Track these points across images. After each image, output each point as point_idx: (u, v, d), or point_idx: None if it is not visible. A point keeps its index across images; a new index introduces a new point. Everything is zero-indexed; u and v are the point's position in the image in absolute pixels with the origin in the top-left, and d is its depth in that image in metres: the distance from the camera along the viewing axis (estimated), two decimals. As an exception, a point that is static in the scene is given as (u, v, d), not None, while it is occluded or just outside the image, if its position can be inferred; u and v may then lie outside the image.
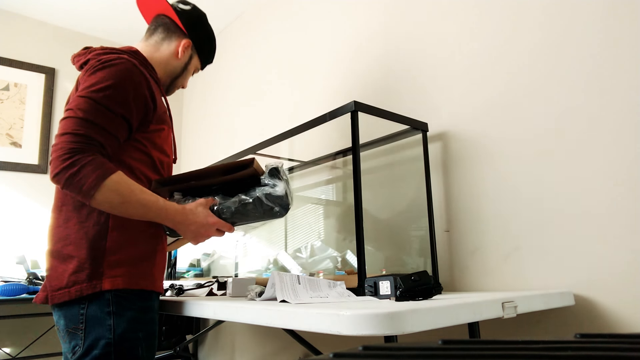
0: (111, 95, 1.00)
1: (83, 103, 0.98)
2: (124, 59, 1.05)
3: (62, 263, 1.02)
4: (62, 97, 2.84)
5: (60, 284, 1.01)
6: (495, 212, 1.26)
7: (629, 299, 1.00)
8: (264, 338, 2.04)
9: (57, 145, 0.95)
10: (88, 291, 0.99)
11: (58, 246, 1.04)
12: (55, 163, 0.94)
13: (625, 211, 1.02)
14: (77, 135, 0.95)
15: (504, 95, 1.28)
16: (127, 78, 1.03)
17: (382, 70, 1.66)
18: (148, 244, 1.09)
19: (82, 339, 0.99)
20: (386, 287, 0.99)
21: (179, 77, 1.28)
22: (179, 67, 1.27)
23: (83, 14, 2.78)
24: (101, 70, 1.03)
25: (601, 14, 1.10)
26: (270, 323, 0.85)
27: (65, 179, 0.93)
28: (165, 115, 1.18)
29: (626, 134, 1.04)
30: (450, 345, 0.29)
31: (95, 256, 1.01)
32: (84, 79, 1.04)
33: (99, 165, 0.95)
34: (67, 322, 1.02)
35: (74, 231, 1.03)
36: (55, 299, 1.01)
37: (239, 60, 2.56)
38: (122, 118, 1.02)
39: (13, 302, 2.01)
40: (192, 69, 1.32)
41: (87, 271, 1.00)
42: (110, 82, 1.01)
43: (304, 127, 1.34)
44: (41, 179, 2.70)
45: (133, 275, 1.04)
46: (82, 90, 1.01)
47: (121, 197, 0.97)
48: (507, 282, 1.22)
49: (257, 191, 1.04)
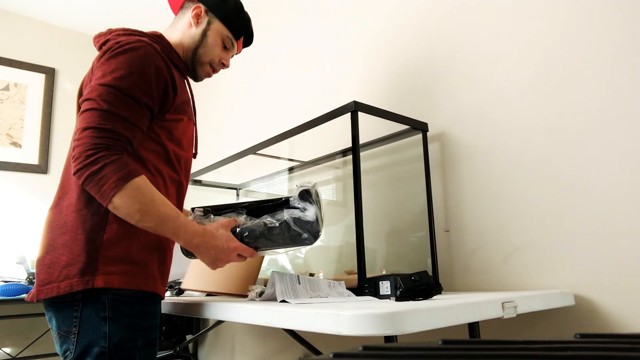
0: (135, 83, 0.92)
1: (106, 93, 0.90)
2: (144, 42, 0.97)
3: (53, 254, 0.92)
4: (62, 97, 2.84)
5: (49, 277, 0.91)
6: (495, 212, 1.26)
7: (629, 299, 1.00)
8: (264, 338, 2.04)
9: (80, 141, 0.87)
10: (79, 287, 0.89)
11: (53, 235, 0.94)
12: (79, 159, 0.86)
13: (626, 211, 1.02)
14: (103, 130, 0.87)
15: (504, 95, 1.28)
16: (149, 63, 0.95)
17: (383, 70, 1.66)
18: (151, 239, 0.98)
19: (74, 344, 0.90)
20: (386, 287, 0.99)
21: (198, 47, 1.13)
22: (197, 36, 1.12)
23: (83, 14, 2.78)
24: (122, 54, 0.94)
25: (601, 14, 1.10)
26: (270, 323, 0.85)
27: (86, 176, 0.86)
28: (186, 106, 1.07)
29: (626, 134, 1.04)
30: (450, 345, 0.29)
31: (90, 249, 0.91)
32: (101, 63, 0.95)
33: (122, 166, 0.87)
34: (59, 323, 0.93)
35: (71, 219, 0.93)
36: (41, 294, 0.91)
37: (238, 60, 2.56)
38: (146, 108, 0.94)
39: (13, 302, 2.01)
40: (217, 37, 1.14)
41: (80, 265, 0.90)
42: (132, 68, 0.93)
43: (304, 127, 1.34)
44: (41, 179, 2.70)
45: (132, 274, 0.94)
46: (102, 77, 0.92)
47: (140, 205, 0.88)
48: (507, 282, 1.22)
49: (285, 214, 0.95)
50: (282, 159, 1.95)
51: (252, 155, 1.63)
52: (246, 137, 2.42)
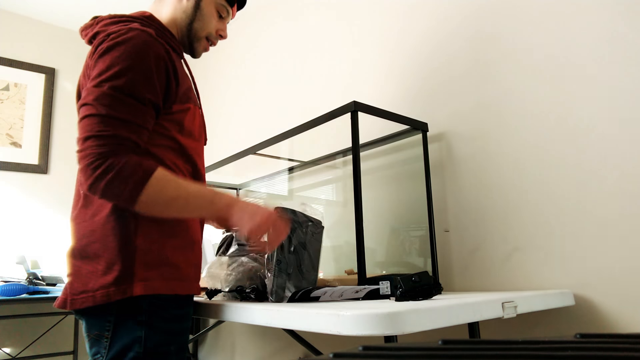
0: (134, 79, 0.85)
1: (103, 95, 0.83)
2: (136, 30, 0.89)
3: (86, 263, 0.89)
4: (62, 97, 2.84)
5: (83, 286, 0.88)
6: (495, 212, 1.26)
7: (629, 299, 1.00)
8: (264, 338, 2.04)
9: (83, 152, 0.82)
10: (117, 296, 0.85)
11: (82, 243, 0.90)
12: (87, 172, 0.81)
13: (626, 211, 1.02)
14: (105, 138, 0.82)
15: (505, 95, 1.28)
16: (146, 53, 0.88)
17: (383, 70, 1.66)
18: (185, 239, 0.96)
19: (105, 348, 0.88)
20: (386, 287, 0.99)
21: (193, 21, 1.05)
22: (190, 9, 1.05)
23: (83, 14, 2.78)
24: (115, 48, 0.87)
25: (600, 15, 1.10)
26: (270, 323, 0.85)
27: (102, 188, 0.81)
28: (190, 92, 1.01)
29: (626, 134, 1.04)
30: (450, 345, 0.29)
31: (125, 255, 0.87)
32: (95, 61, 0.89)
33: (136, 166, 0.82)
34: (90, 326, 0.90)
35: (100, 226, 0.89)
36: (76, 304, 0.87)
37: (236, 60, 2.56)
38: (150, 105, 0.88)
39: (13, 302, 2.01)
40: (211, 7, 1.07)
41: (116, 273, 0.86)
42: (129, 62, 0.86)
43: (304, 127, 1.34)
44: (41, 179, 2.70)
45: (169, 278, 0.91)
46: (96, 78, 0.85)
47: (170, 192, 0.85)
48: (507, 282, 1.22)
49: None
50: (282, 159, 1.95)
51: (252, 155, 1.63)
52: (246, 137, 2.42)
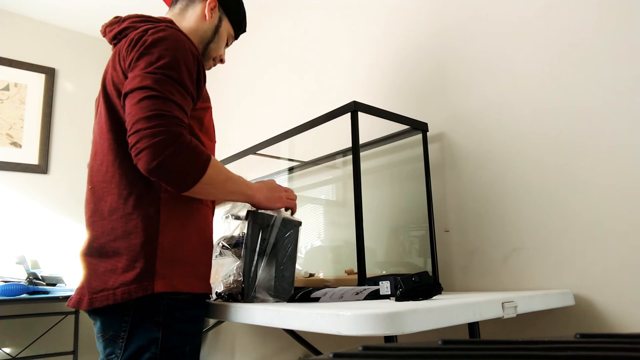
0: (182, 71, 0.88)
1: (160, 81, 0.85)
2: (172, 29, 0.93)
3: (104, 261, 0.89)
4: (62, 97, 2.84)
5: (103, 285, 0.87)
6: (495, 212, 1.26)
7: (629, 299, 1.00)
8: (264, 338, 2.04)
9: (151, 130, 0.80)
10: (138, 293, 0.85)
11: (101, 241, 0.90)
12: (156, 149, 0.79)
13: (625, 211, 1.02)
14: (172, 118, 0.83)
15: (505, 95, 1.28)
16: (186, 50, 0.91)
17: (383, 70, 1.66)
18: (201, 239, 0.97)
19: (121, 349, 0.87)
20: (386, 287, 0.99)
21: (210, 42, 1.12)
22: (210, 31, 1.11)
23: (83, 14, 2.78)
24: (160, 42, 0.89)
25: (599, 16, 1.10)
26: (270, 323, 0.85)
27: (170, 165, 0.81)
28: (206, 92, 1.05)
29: (626, 134, 1.04)
30: (450, 345, 0.29)
31: (148, 253, 0.87)
32: (139, 53, 0.89)
33: (200, 150, 0.85)
34: (105, 326, 0.89)
35: (122, 224, 0.89)
36: (96, 302, 0.86)
37: (236, 60, 2.56)
38: (191, 97, 0.92)
39: (13, 302, 2.01)
40: (225, 34, 1.15)
41: (138, 270, 0.86)
42: (176, 55, 0.88)
43: (304, 127, 1.34)
44: (41, 179, 2.70)
45: (188, 276, 0.92)
46: (147, 67, 0.87)
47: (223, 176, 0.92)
48: (507, 282, 1.22)
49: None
50: (282, 159, 1.95)
51: (252, 155, 1.63)
52: (246, 137, 2.42)
